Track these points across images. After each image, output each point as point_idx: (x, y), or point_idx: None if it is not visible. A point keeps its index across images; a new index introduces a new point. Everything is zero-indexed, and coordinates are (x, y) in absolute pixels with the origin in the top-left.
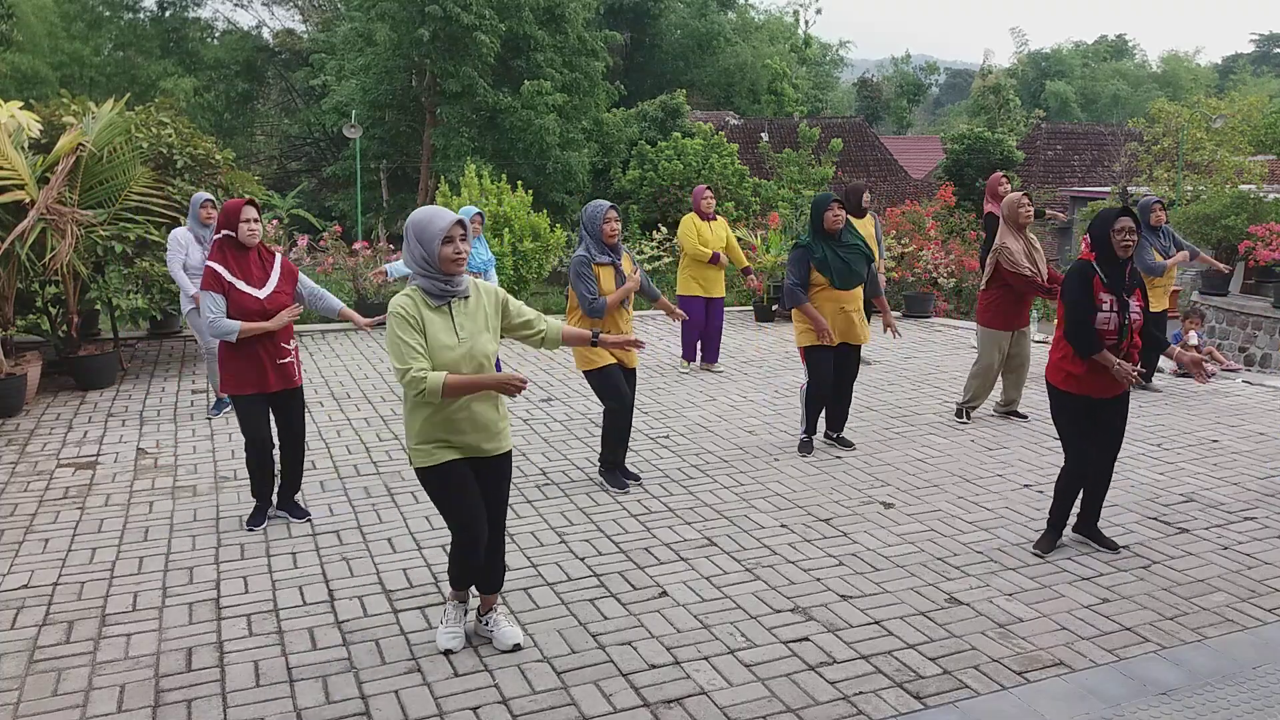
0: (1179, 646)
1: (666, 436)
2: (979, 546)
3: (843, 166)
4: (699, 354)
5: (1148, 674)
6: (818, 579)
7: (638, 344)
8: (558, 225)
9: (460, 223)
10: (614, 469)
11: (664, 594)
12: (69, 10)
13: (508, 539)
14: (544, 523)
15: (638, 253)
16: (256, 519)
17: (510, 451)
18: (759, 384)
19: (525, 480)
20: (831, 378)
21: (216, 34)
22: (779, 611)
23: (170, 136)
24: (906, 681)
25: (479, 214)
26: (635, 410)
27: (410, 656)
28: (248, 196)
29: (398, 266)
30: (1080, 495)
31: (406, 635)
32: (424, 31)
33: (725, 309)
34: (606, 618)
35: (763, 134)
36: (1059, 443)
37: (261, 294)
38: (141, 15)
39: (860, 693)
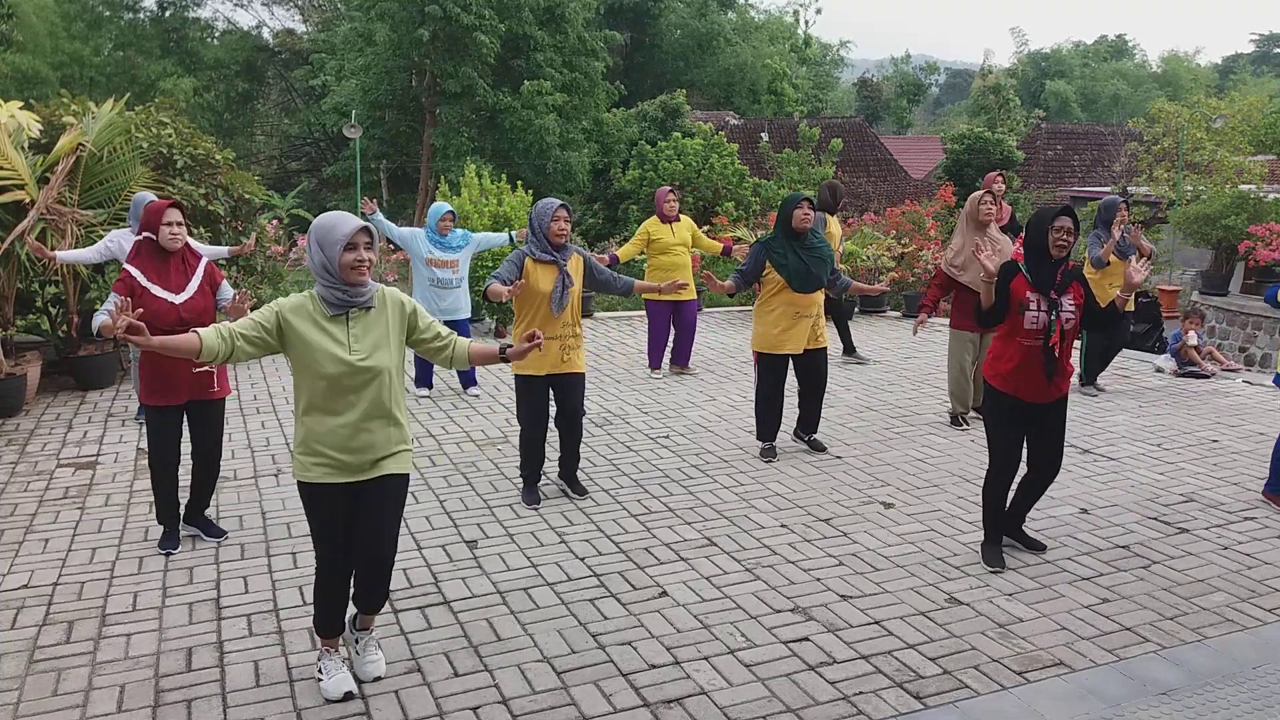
0: (1179, 646)
1: (666, 436)
2: (979, 546)
3: (843, 166)
4: (667, 357)
5: (1148, 674)
6: (818, 579)
7: (535, 341)
8: None
9: (365, 229)
10: (530, 483)
11: (664, 594)
12: (69, 10)
13: (508, 539)
14: (544, 523)
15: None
16: (168, 542)
17: (404, 476)
18: None
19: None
20: (783, 383)
21: (216, 34)
22: (779, 611)
23: (170, 136)
24: (906, 681)
25: (450, 212)
26: (635, 410)
27: (410, 656)
28: (172, 198)
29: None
30: (1011, 496)
31: (406, 635)
32: (424, 31)
33: (725, 308)
34: (606, 618)
35: (763, 134)
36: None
37: (178, 299)
38: (141, 15)
39: (860, 693)
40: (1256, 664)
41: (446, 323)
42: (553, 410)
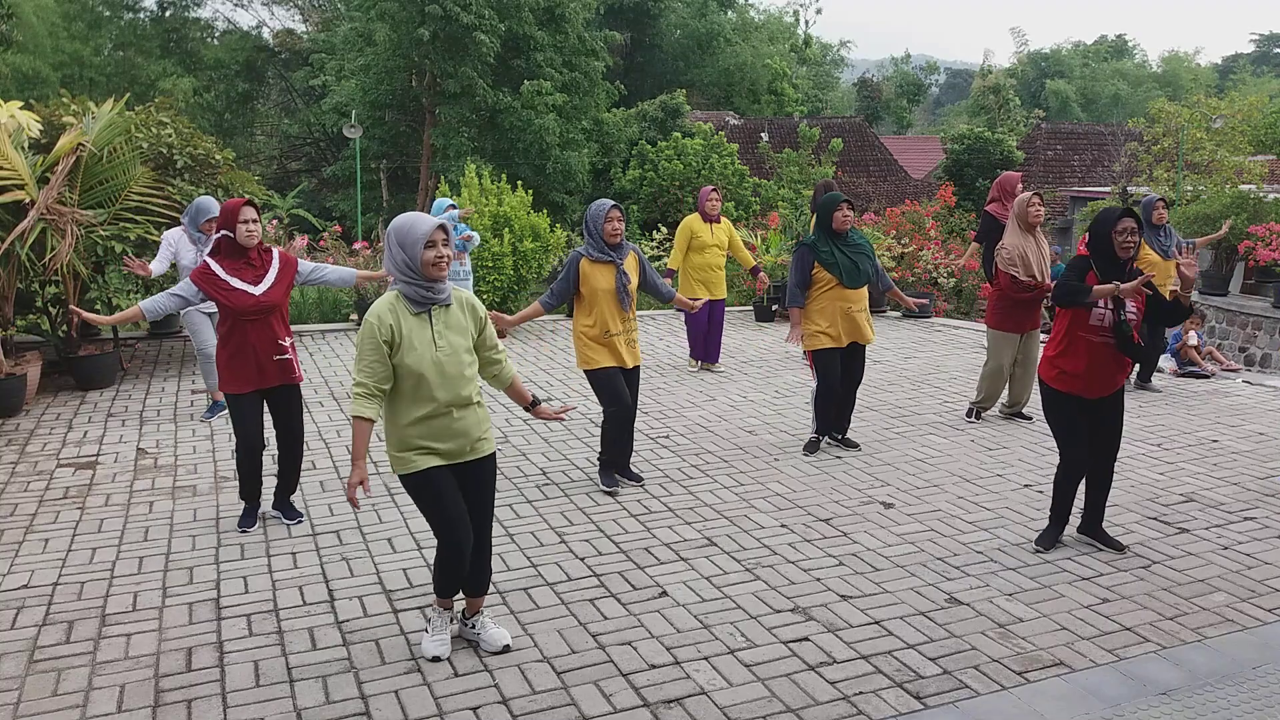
0: (1179, 646)
1: (666, 436)
2: (979, 546)
3: (843, 166)
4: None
5: (1148, 674)
6: (818, 579)
7: (564, 415)
8: (558, 225)
9: (442, 227)
10: (609, 467)
11: (664, 594)
12: (69, 10)
13: (508, 539)
14: (544, 523)
15: None
16: (247, 520)
17: (494, 454)
18: (759, 384)
19: (525, 480)
20: (839, 379)
21: (216, 34)
22: (779, 611)
23: (170, 136)
24: (906, 681)
25: (452, 205)
26: (636, 410)
27: (410, 656)
28: (246, 196)
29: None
30: (1083, 495)
31: (406, 635)
32: (424, 31)
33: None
34: (606, 618)
35: (763, 134)
36: None
37: (257, 290)
38: (141, 15)
39: (860, 693)
40: (1256, 664)
41: None
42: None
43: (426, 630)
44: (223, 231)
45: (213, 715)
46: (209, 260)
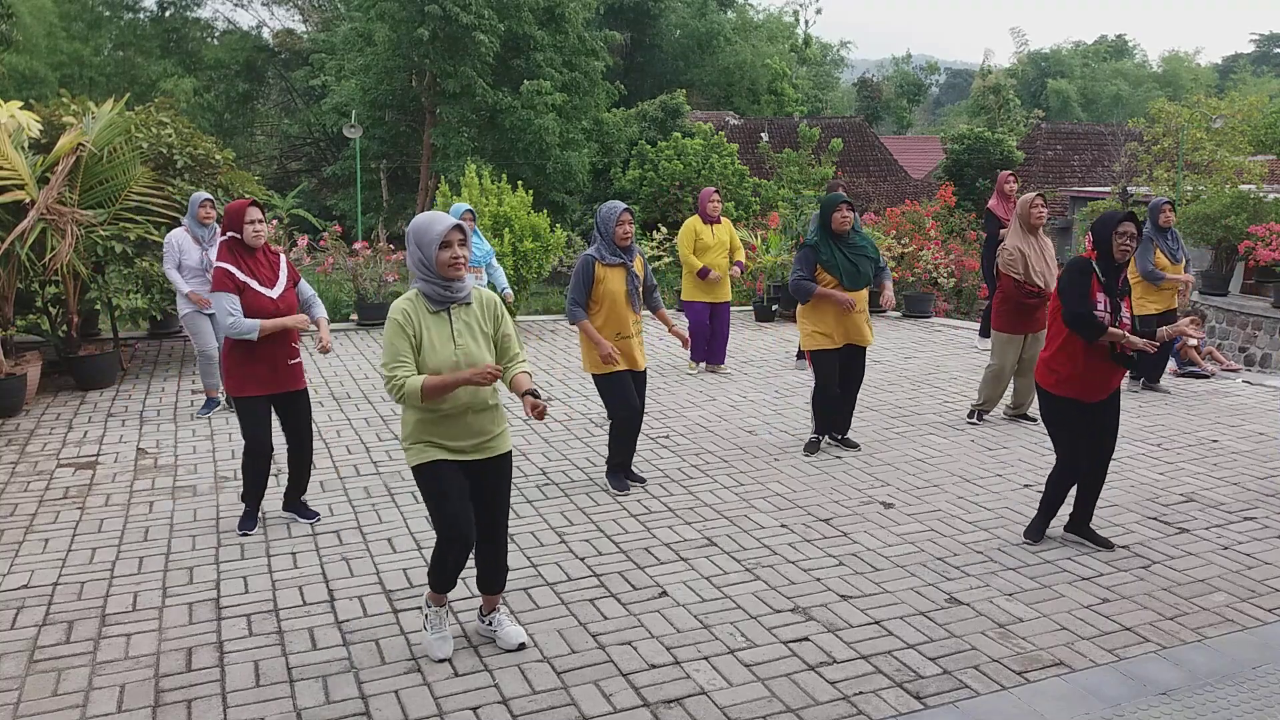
0: (1179, 646)
1: (666, 436)
2: (979, 546)
3: (843, 166)
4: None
5: (1148, 674)
6: (818, 579)
7: (539, 413)
8: (558, 225)
9: (459, 227)
10: (618, 471)
11: (664, 594)
12: (69, 10)
13: (508, 539)
14: (544, 523)
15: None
16: (248, 523)
17: (510, 453)
18: (759, 384)
19: (525, 480)
20: (836, 378)
21: (216, 34)
22: (779, 611)
23: (170, 136)
24: (906, 681)
25: (469, 210)
26: None
27: (410, 656)
28: (250, 197)
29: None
30: (1074, 494)
31: (406, 635)
32: (424, 31)
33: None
34: (606, 618)
35: (763, 134)
36: None
37: (273, 293)
38: (141, 15)
39: (860, 693)
40: (1256, 664)
41: None
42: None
43: (426, 629)
44: (230, 234)
45: (213, 715)
46: (223, 265)
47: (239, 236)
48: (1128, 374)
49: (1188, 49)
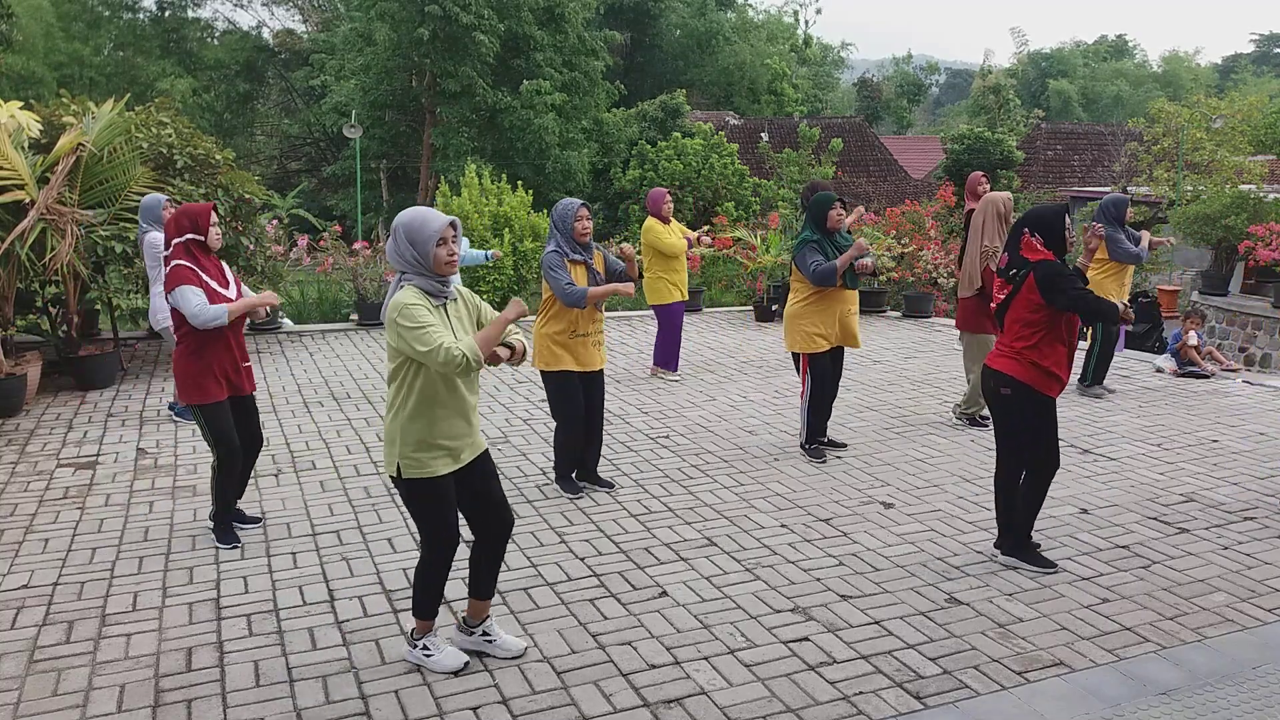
0: (1179, 646)
1: (666, 436)
2: (979, 546)
3: (843, 166)
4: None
5: (1148, 674)
6: (818, 579)
7: (515, 355)
8: None
9: (453, 223)
10: (563, 476)
11: (664, 594)
12: (68, 10)
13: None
14: (544, 523)
15: (638, 253)
16: (230, 536)
17: (487, 449)
18: (759, 384)
19: (525, 480)
20: (831, 382)
21: (216, 34)
22: (779, 611)
23: (170, 136)
24: (906, 681)
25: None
26: (636, 410)
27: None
28: (210, 201)
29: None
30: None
31: (406, 635)
32: (424, 31)
33: (725, 309)
34: (606, 618)
35: (763, 134)
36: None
37: (231, 294)
38: (141, 15)
39: (860, 693)
40: (1256, 664)
41: None
42: None
43: (429, 654)
44: (189, 235)
45: (213, 715)
46: (183, 262)
47: (201, 239)
48: (1077, 379)
49: (1188, 49)
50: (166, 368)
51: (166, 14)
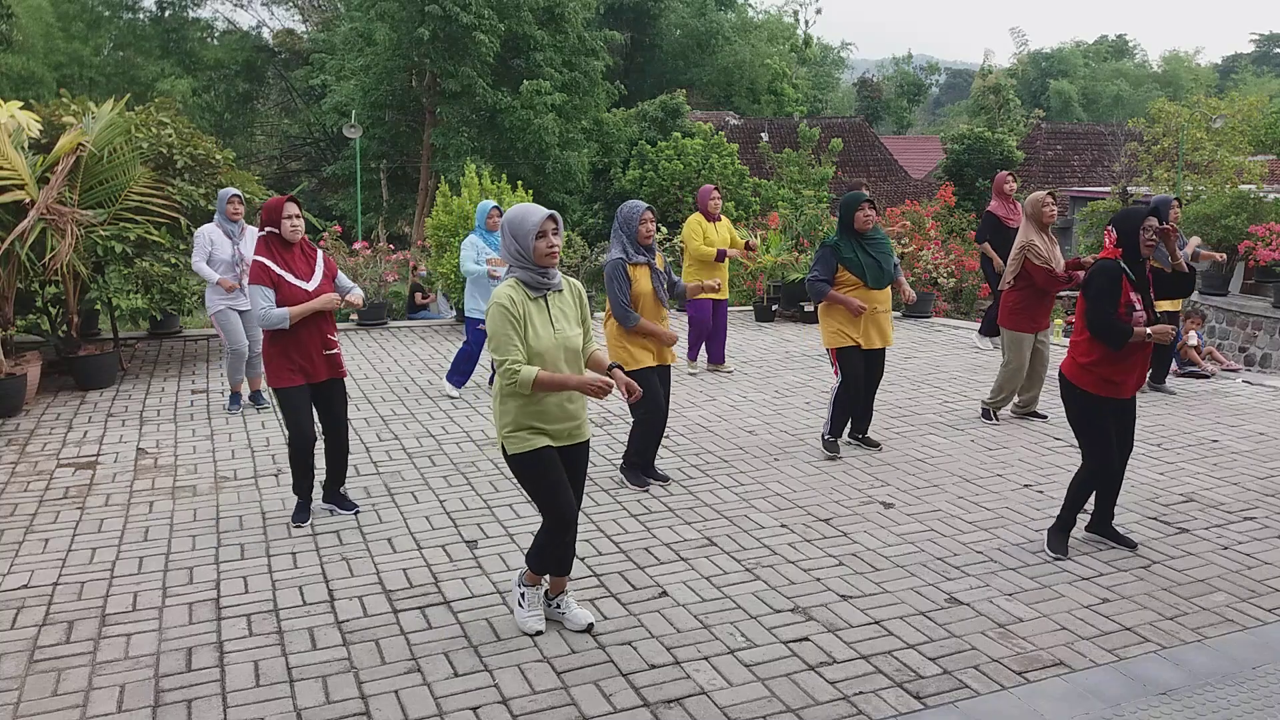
0: (1179, 646)
1: (667, 436)
2: (979, 546)
3: (843, 166)
4: (704, 355)
5: (1148, 674)
6: (818, 579)
7: (616, 388)
8: None
9: (552, 217)
10: (635, 468)
11: (664, 594)
12: (68, 10)
13: (508, 539)
14: None
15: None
16: (301, 515)
17: (589, 440)
18: (759, 384)
19: None
20: (863, 378)
21: (216, 34)
22: (779, 611)
23: (170, 136)
24: (906, 681)
25: (496, 207)
26: None
27: (410, 656)
28: (288, 194)
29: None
30: (1094, 496)
31: (406, 635)
32: (424, 31)
33: (731, 309)
34: (606, 618)
35: (763, 134)
36: (1058, 443)
37: (309, 286)
38: (141, 15)
39: (860, 693)
40: (1256, 664)
41: None
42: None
43: (521, 605)
44: (268, 229)
45: (213, 715)
46: (260, 259)
47: (277, 231)
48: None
49: (1188, 49)
50: (167, 368)
51: (166, 14)
